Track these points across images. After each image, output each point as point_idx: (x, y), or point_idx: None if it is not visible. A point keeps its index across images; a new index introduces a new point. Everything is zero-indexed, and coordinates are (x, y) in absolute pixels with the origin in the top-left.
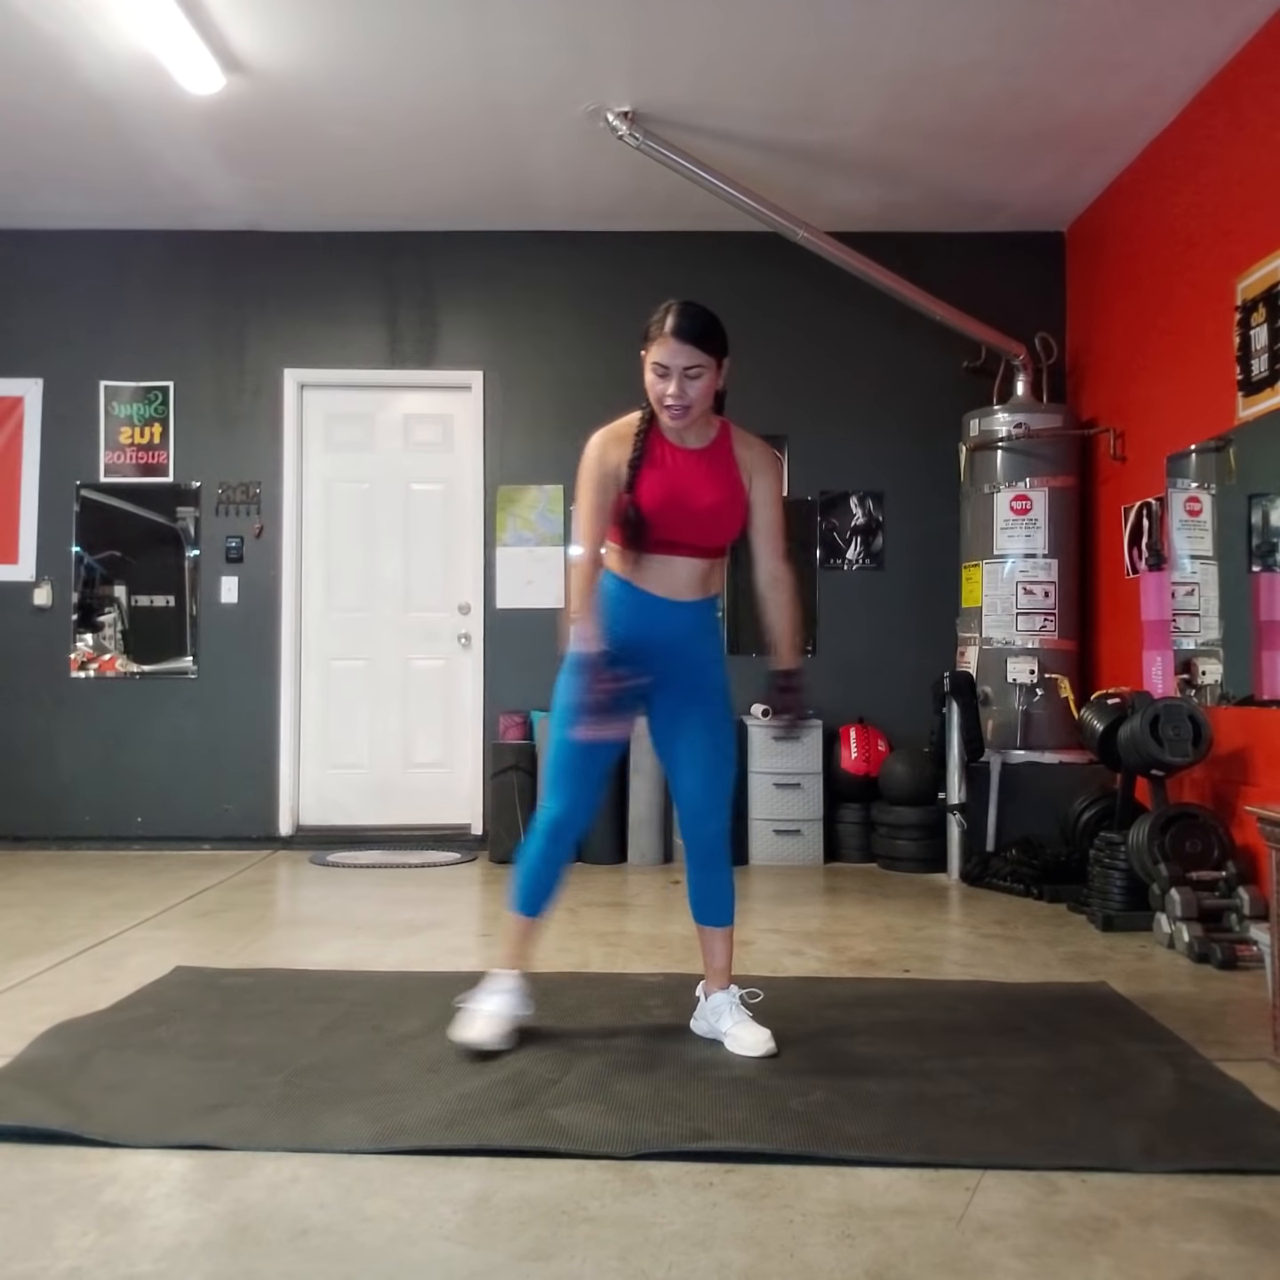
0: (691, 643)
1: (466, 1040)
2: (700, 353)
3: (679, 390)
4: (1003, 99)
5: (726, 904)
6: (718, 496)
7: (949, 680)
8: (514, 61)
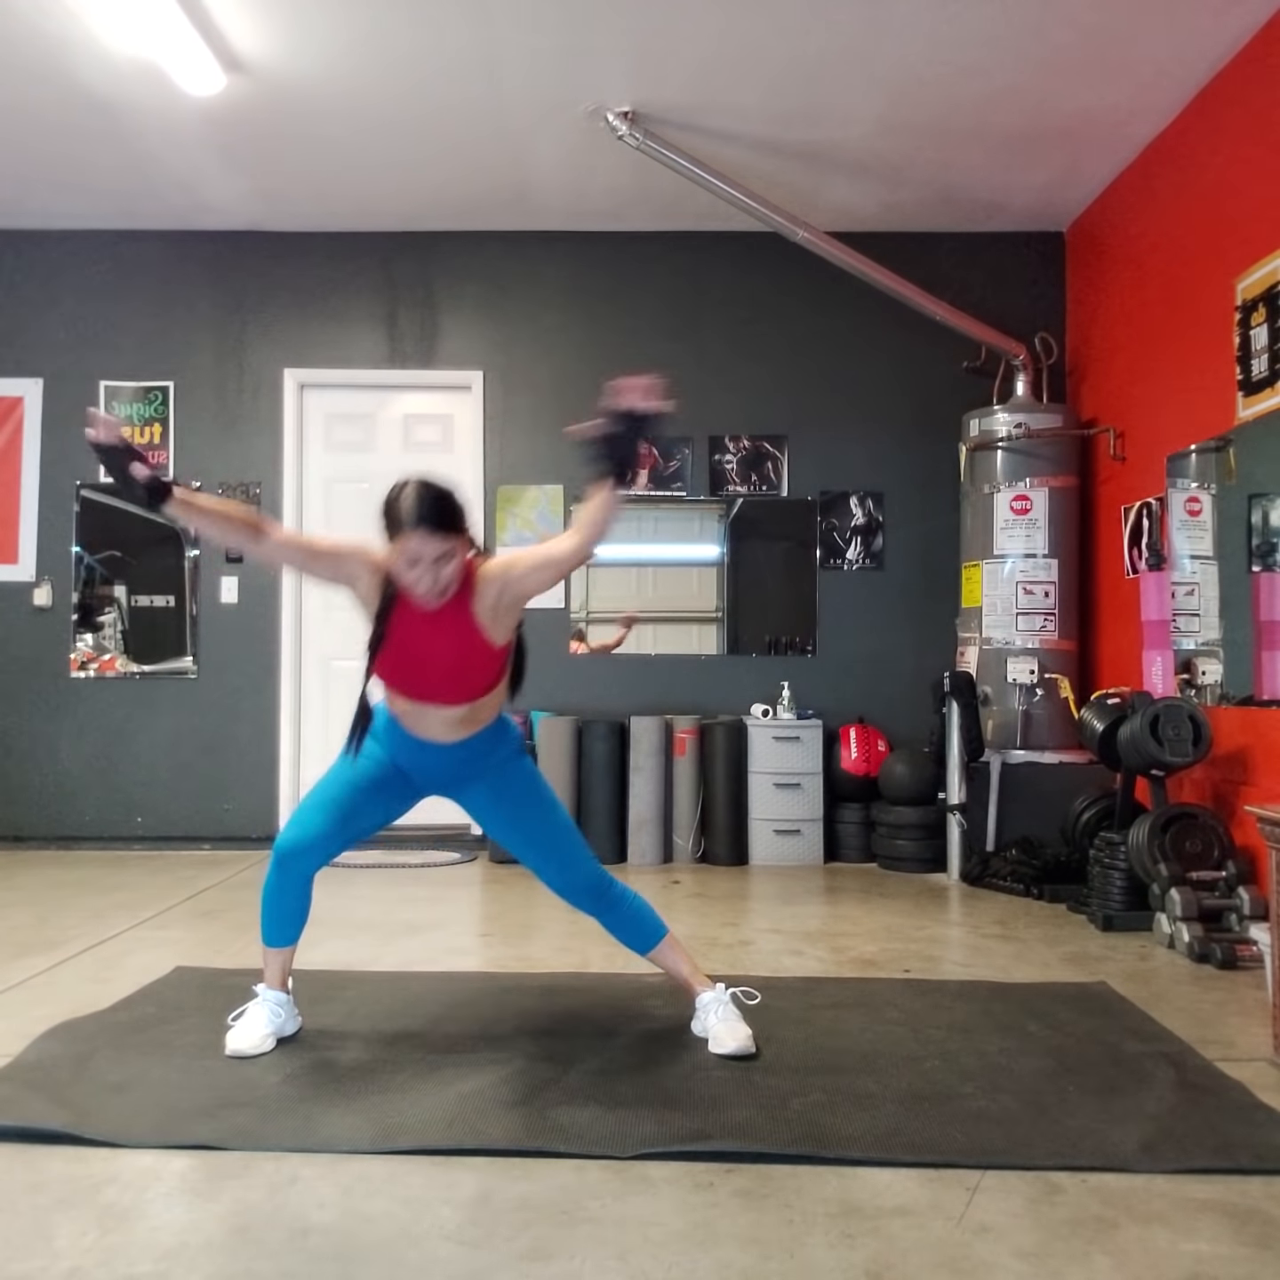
0: (473, 766)
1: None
2: (448, 537)
3: (433, 579)
4: (1003, 99)
5: (646, 925)
6: (453, 654)
7: (949, 680)
8: (514, 61)
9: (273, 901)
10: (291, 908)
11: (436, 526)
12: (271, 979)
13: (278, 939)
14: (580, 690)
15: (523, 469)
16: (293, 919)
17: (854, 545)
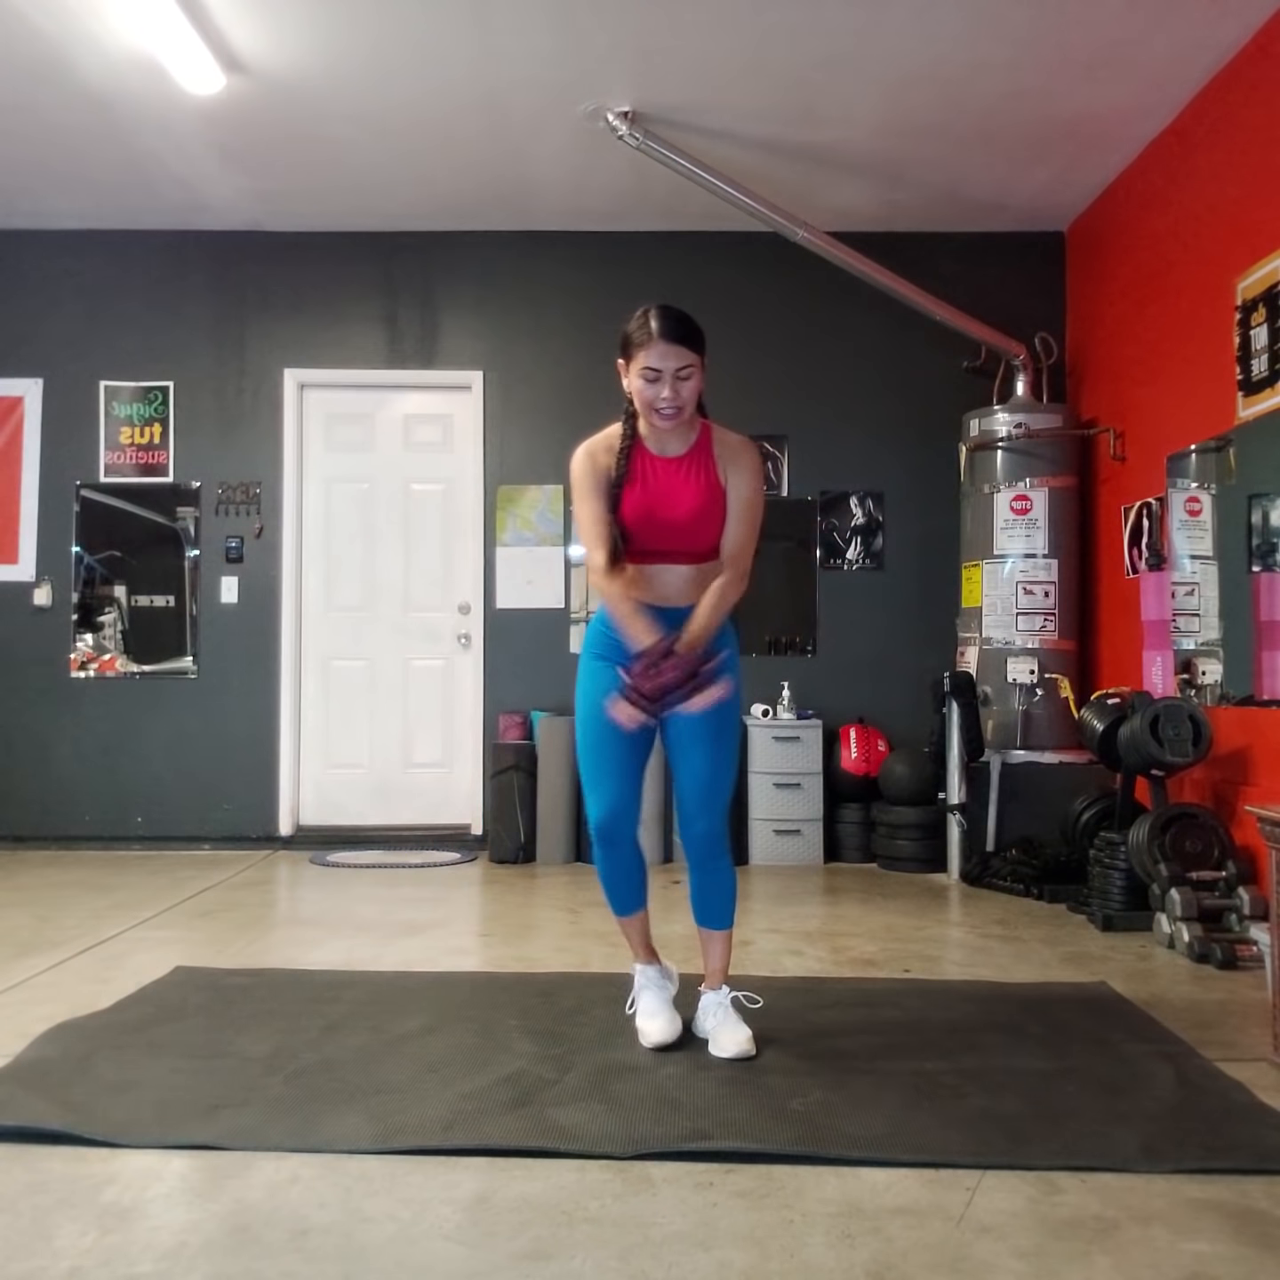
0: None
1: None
2: (690, 352)
3: (673, 393)
4: (1003, 99)
5: (723, 907)
6: (696, 502)
7: (949, 680)
8: (514, 61)
9: (611, 877)
10: (632, 873)
11: (679, 337)
12: (639, 949)
13: (629, 906)
14: None
15: (523, 469)
16: (637, 883)
17: (854, 545)
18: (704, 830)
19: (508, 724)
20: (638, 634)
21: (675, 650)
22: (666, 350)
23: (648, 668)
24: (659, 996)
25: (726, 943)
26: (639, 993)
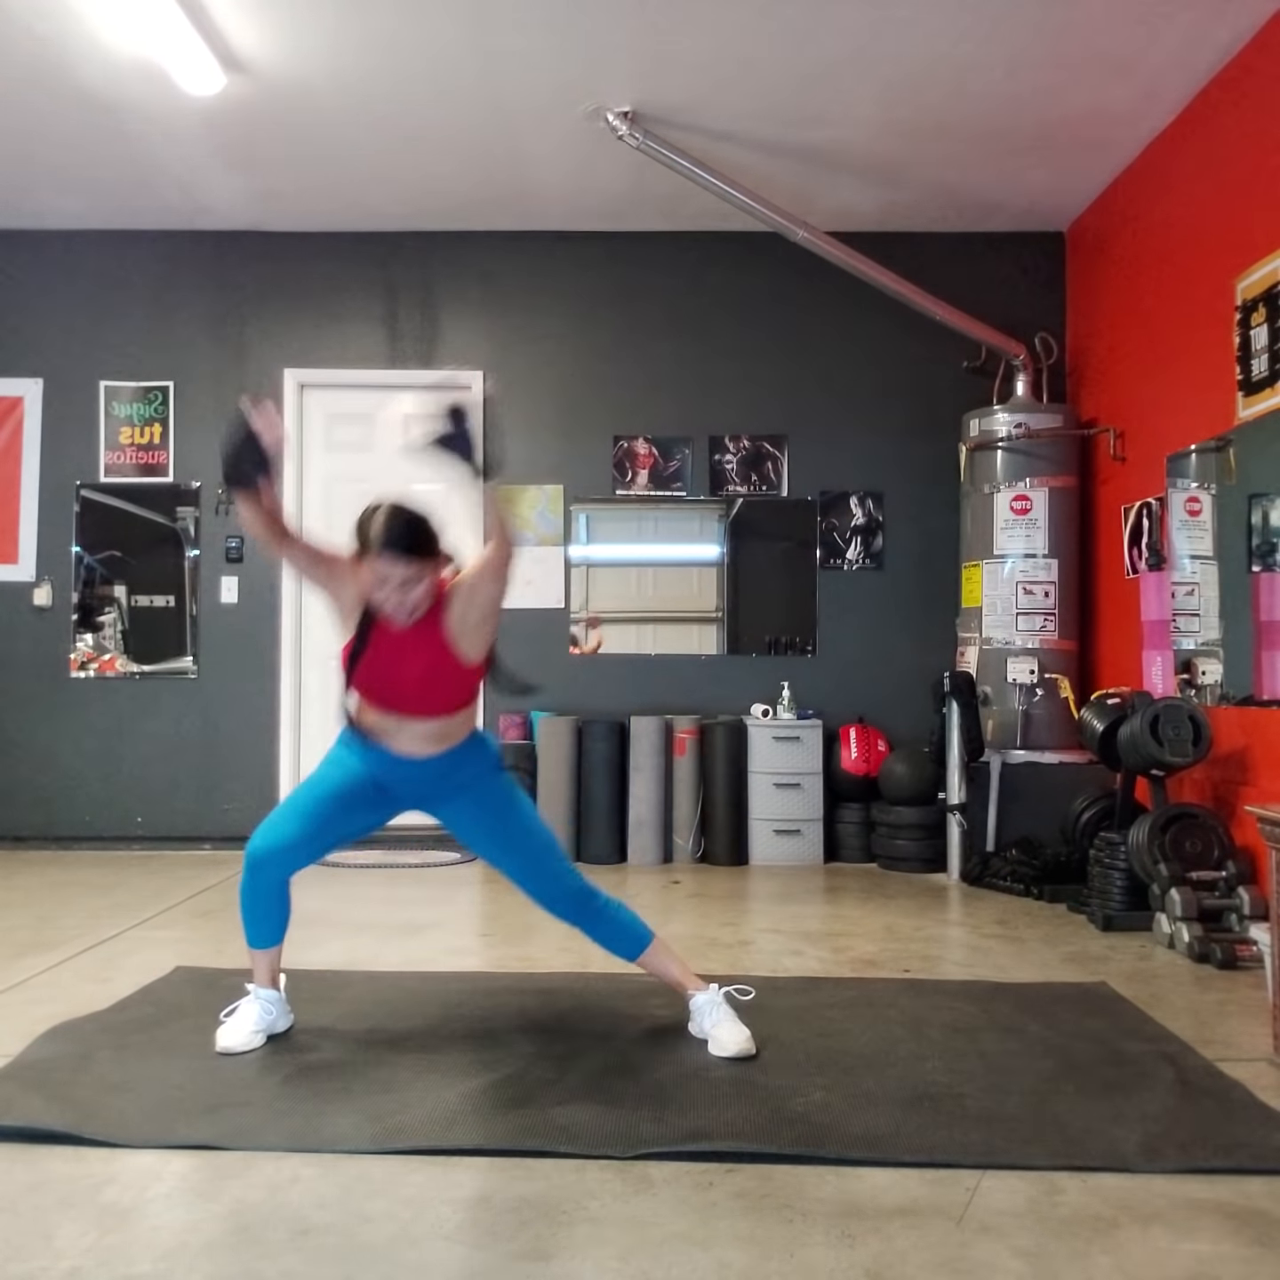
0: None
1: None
2: (416, 563)
3: (400, 600)
4: (1003, 99)
5: (631, 932)
6: (426, 670)
7: (949, 680)
8: (514, 62)
9: (249, 905)
10: (269, 911)
11: (403, 552)
12: (261, 978)
13: (259, 940)
14: (580, 690)
15: (523, 469)
16: (272, 921)
17: (854, 545)
18: (561, 895)
19: (508, 724)
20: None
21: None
22: (391, 564)
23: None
24: (262, 1018)
25: (663, 952)
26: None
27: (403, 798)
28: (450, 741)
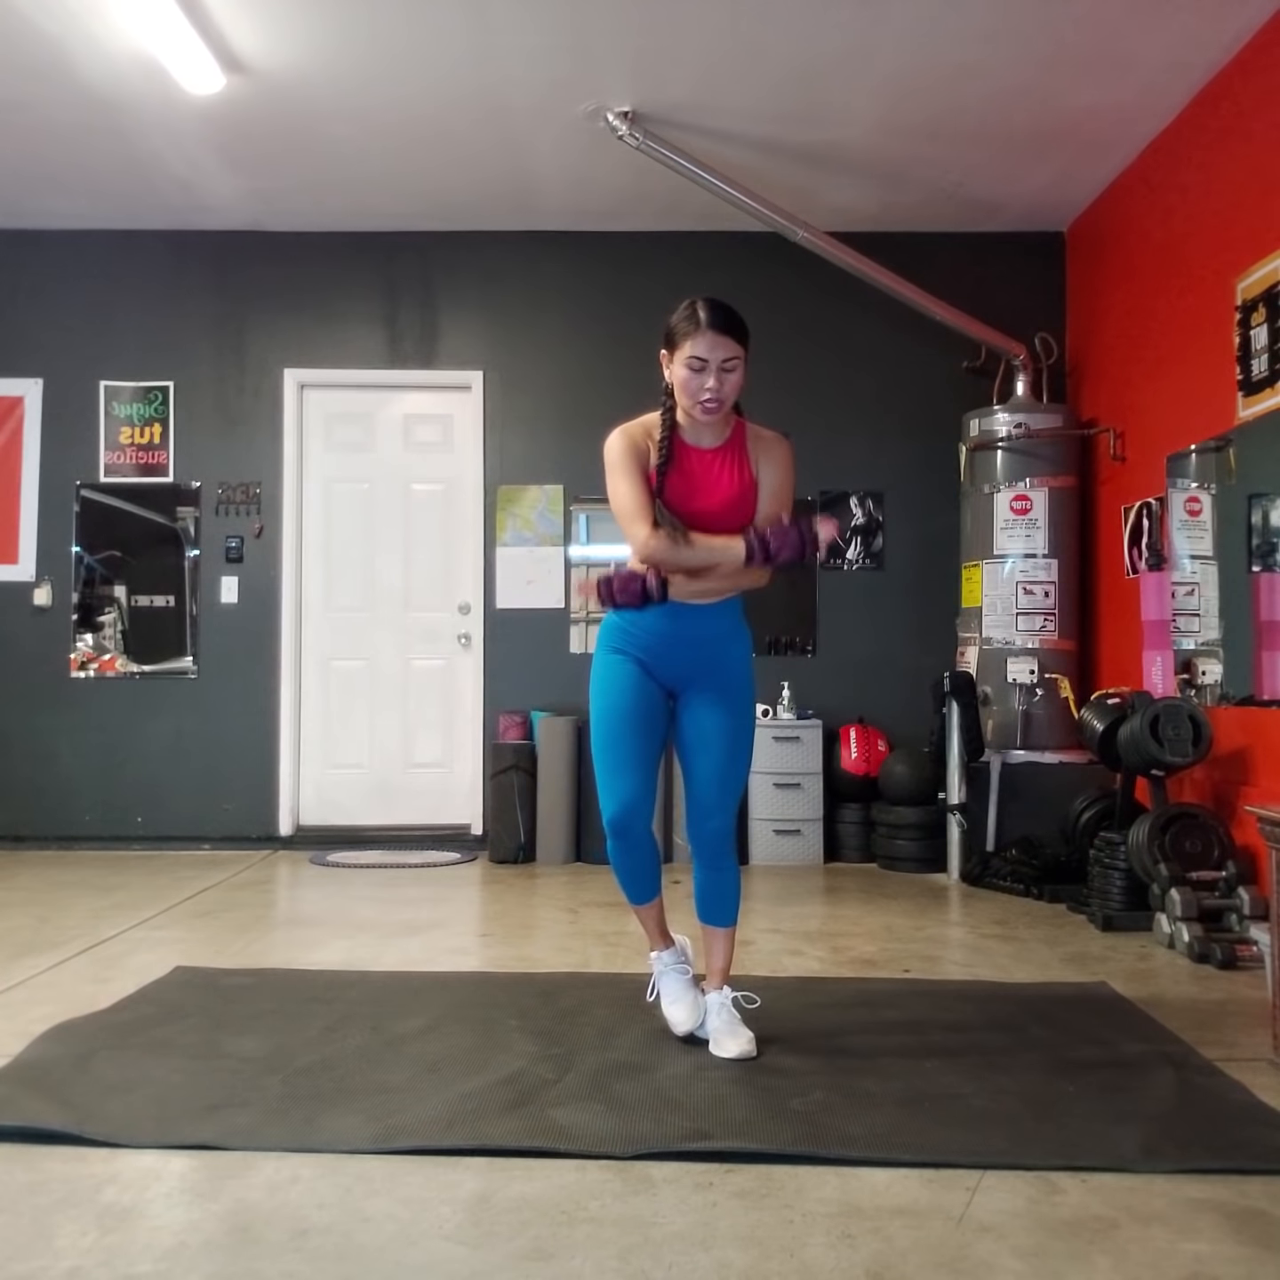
0: (714, 644)
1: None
2: (736, 344)
3: (717, 384)
4: (1003, 99)
5: (729, 904)
6: (730, 494)
7: (949, 680)
8: (514, 61)
9: (626, 869)
10: (645, 864)
11: (726, 329)
12: (654, 935)
13: (643, 895)
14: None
15: (523, 469)
16: (650, 874)
17: (854, 545)
18: (716, 828)
19: (508, 724)
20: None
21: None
22: (714, 341)
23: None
24: (679, 981)
25: (730, 941)
26: (659, 979)
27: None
28: (726, 591)
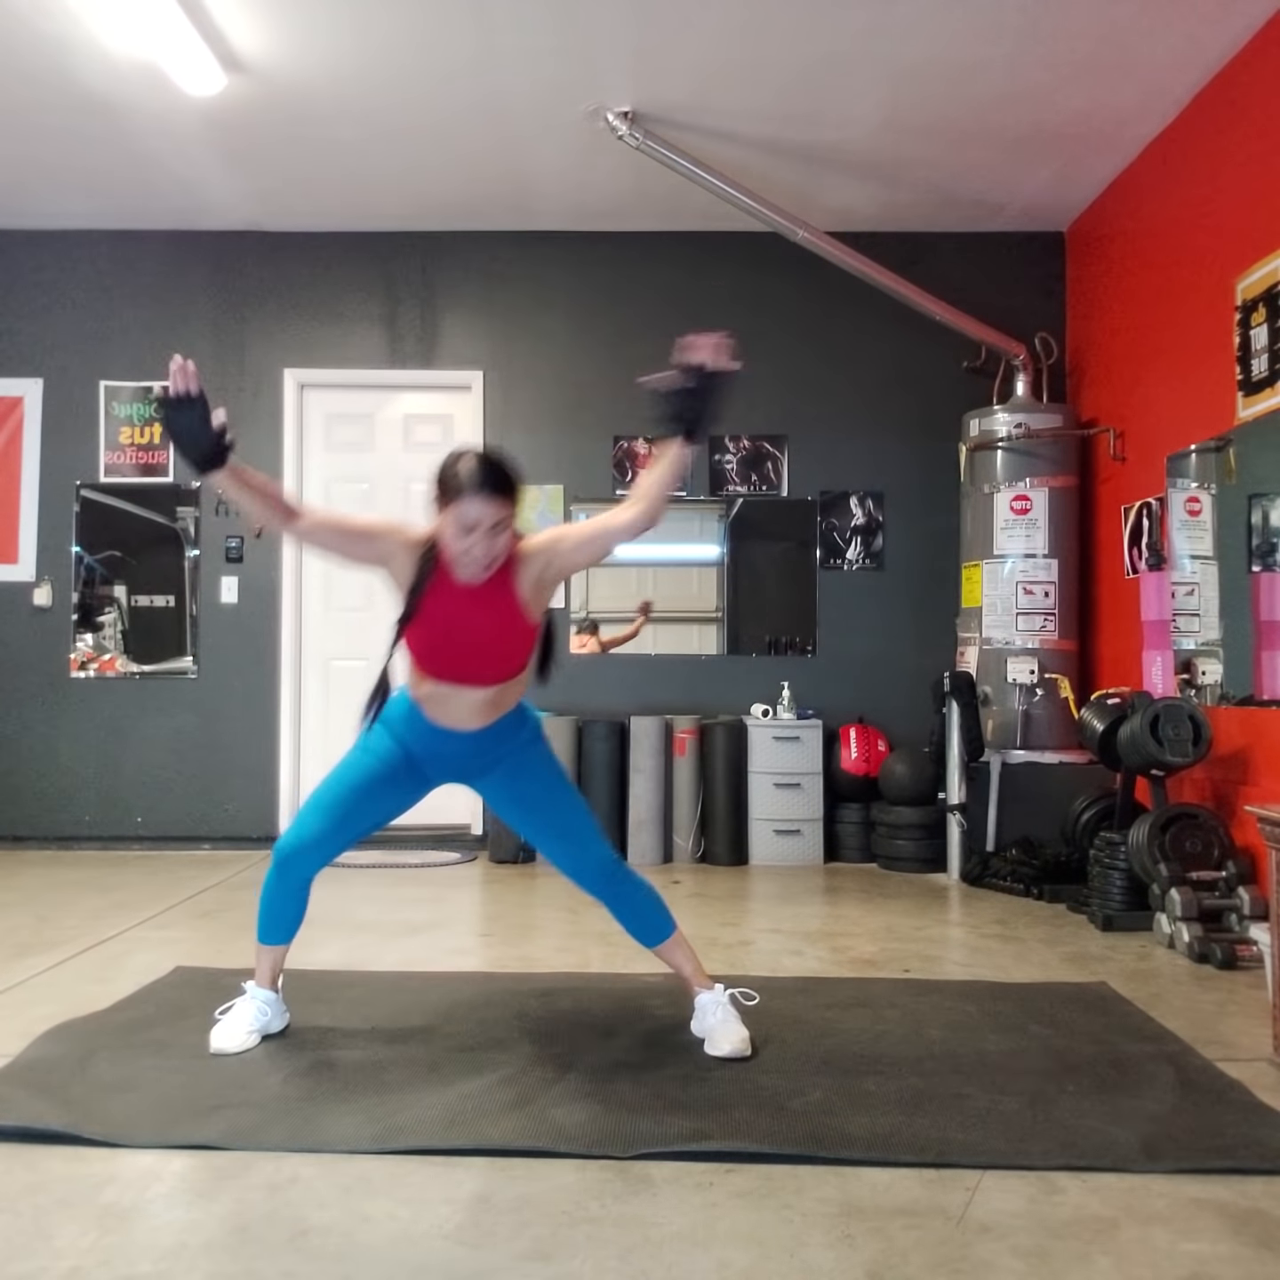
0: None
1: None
2: (506, 503)
3: (486, 548)
4: (1003, 99)
5: (657, 918)
6: (492, 631)
7: (949, 680)
8: (515, 61)
9: (270, 901)
10: (288, 908)
11: (497, 491)
12: (261, 977)
13: (272, 937)
14: (580, 690)
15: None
16: (289, 919)
17: (854, 545)
18: (597, 856)
19: None
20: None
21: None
22: (484, 506)
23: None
24: (257, 1018)
25: (679, 946)
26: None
27: (438, 774)
28: (500, 711)
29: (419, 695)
